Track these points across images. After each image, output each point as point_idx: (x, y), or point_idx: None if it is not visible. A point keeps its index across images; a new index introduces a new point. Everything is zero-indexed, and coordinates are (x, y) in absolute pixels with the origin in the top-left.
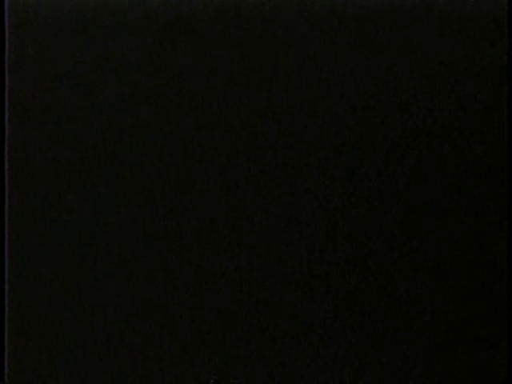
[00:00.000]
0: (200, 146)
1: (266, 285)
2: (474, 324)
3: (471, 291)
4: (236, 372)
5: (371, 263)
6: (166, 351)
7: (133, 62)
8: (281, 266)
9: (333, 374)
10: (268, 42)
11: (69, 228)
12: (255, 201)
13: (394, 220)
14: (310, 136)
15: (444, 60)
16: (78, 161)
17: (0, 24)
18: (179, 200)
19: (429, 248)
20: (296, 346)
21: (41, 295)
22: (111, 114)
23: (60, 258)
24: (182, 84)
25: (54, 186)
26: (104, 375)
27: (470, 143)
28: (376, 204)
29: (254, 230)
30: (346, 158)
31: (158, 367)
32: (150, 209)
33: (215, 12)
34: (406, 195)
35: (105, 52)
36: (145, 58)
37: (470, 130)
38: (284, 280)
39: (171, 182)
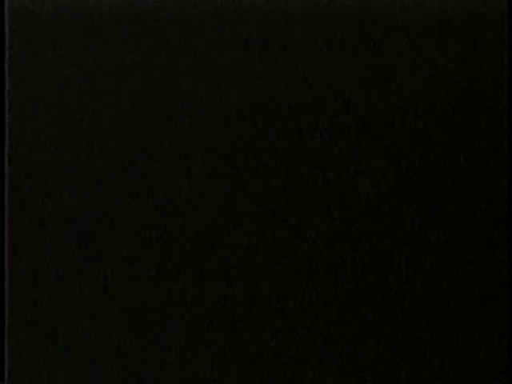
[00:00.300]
0: (200, 146)
1: (266, 285)
2: (474, 324)
3: (471, 291)
4: (234, 374)
5: (371, 263)
6: (166, 351)
7: (133, 63)
8: (280, 266)
9: (332, 374)
10: (267, 42)
11: (69, 228)
12: (255, 201)
13: (393, 220)
14: (310, 136)
15: (444, 59)
16: (78, 160)
17: (0, 24)
18: (180, 200)
19: (429, 248)
20: (295, 347)
21: (41, 295)
22: (111, 114)
23: (60, 257)
24: (182, 84)
25: (54, 186)
26: (104, 375)
27: (469, 143)
28: (375, 204)
29: (254, 230)
30: (346, 157)
31: (158, 367)
32: (150, 208)
33: (215, 12)
34: (405, 195)
35: (105, 52)
36: (145, 59)
37: (469, 129)
38: (284, 281)
39: (172, 182)
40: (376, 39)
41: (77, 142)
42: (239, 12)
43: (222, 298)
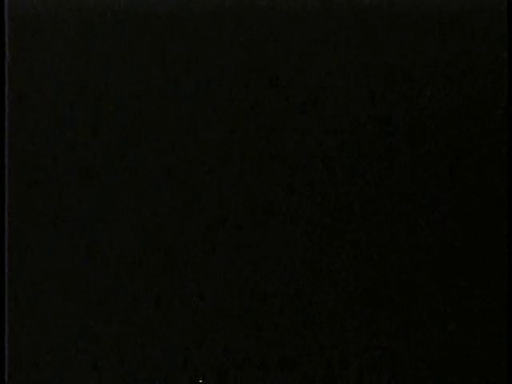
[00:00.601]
0: (199, 146)
1: (265, 284)
2: (474, 324)
3: (471, 291)
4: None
5: (370, 263)
6: (166, 351)
7: (133, 62)
8: (280, 265)
9: (333, 374)
10: (267, 42)
11: (69, 228)
12: (255, 201)
13: (394, 220)
14: (310, 136)
15: (444, 59)
16: (77, 160)
17: (0, 24)
18: (180, 200)
19: (429, 248)
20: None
21: (41, 295)
22: (111, 114)
23: (60, 257)
24: (182, 84)
25: (54, 186)
26: (104, 375)
27: (469, 143)
28: (375, 203)
29: (253, 229)
30: (346, 157)
31: (158, 367)
32: (150, 208)
33: (215, 12)
34: (405, 195)
35: (105, 52)
36: (145, 59)
37: (469, 128)
38: (283, 280)
39: (172, 181)
40: (375, 38)
41: (77, 142)
42: (238, 12)
43: (220, 298)
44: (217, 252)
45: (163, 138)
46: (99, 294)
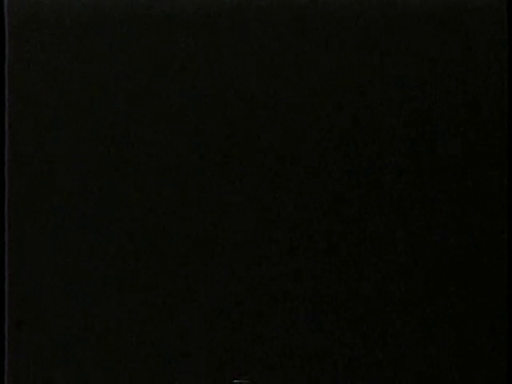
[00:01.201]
0: (199, 146)
1: (265, 283)
2: (474, 324)
3: (471, 291)
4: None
5: (370, 263)
6: (167, 351)
7: (133, 63)
8: (280, 265)
9: (333, 374)
10: (268, 43)
11: (69, 227)
12: (254, 201)
13: (393, 219)
14: (310, 136)
15: (444, 59)
16: (77, 160)
17: (0, 24)
18: (179, 200)
19: (429, 248)
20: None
21: (41, 295)
22: (111, 114)
23: (60, 257)
24: (182, 84)
25: (53, 186)
26: (104, 375)
27: (470, 143)
28: (374, 204)
29: (252, 230)
30: (345, 157)
31: (158, 367)
32: (150, 208)
33: (215, 12)
34: (405, 195)
35: (105, 52)
36: (145, 59)
37: (470, 129)
38: (283, 280)
39: (171, 181)
40: (375, 39)
41: (77, 142)
42: (237, 12)
43: (221, 298)
44: (215, 255)
45: (163, 137)
46: (99, 293)
